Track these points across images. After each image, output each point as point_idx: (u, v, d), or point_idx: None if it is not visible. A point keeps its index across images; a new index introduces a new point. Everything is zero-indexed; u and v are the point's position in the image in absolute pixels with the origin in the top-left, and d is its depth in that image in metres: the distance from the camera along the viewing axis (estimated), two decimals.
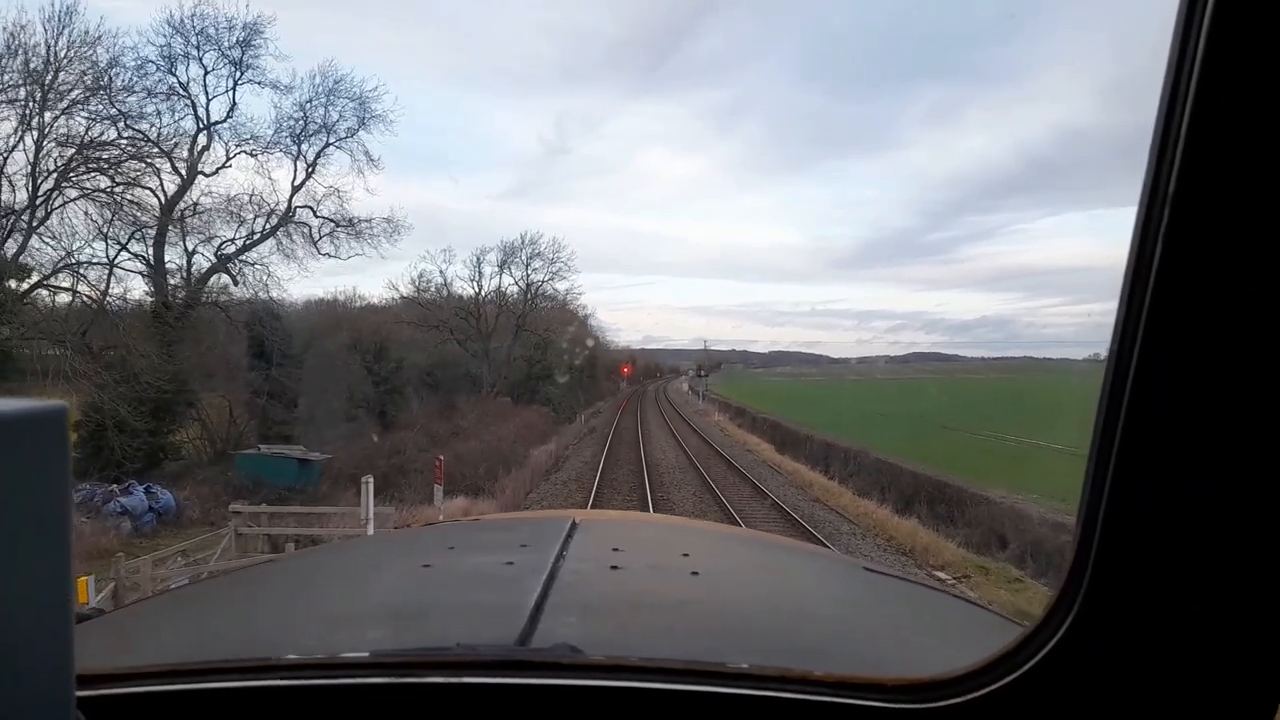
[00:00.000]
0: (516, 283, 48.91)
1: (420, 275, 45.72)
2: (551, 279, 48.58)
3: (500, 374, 47.34)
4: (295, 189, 25.84)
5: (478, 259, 47.53)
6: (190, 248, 24.64)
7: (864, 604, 1.74)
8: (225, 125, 24.27)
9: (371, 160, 26.77)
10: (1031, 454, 32.23)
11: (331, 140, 26.07)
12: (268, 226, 25.42)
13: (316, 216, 26.74)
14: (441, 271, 46.74)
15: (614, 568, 1.54)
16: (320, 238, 26.82)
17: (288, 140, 25.20)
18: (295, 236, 26.34)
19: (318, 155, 26.02)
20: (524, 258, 48.14)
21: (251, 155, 24.09)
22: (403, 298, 45.15)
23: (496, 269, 48.35)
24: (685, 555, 1.72)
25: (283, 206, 25.66)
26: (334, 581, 1.74)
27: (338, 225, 27.40)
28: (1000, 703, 0.84)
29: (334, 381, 33.83)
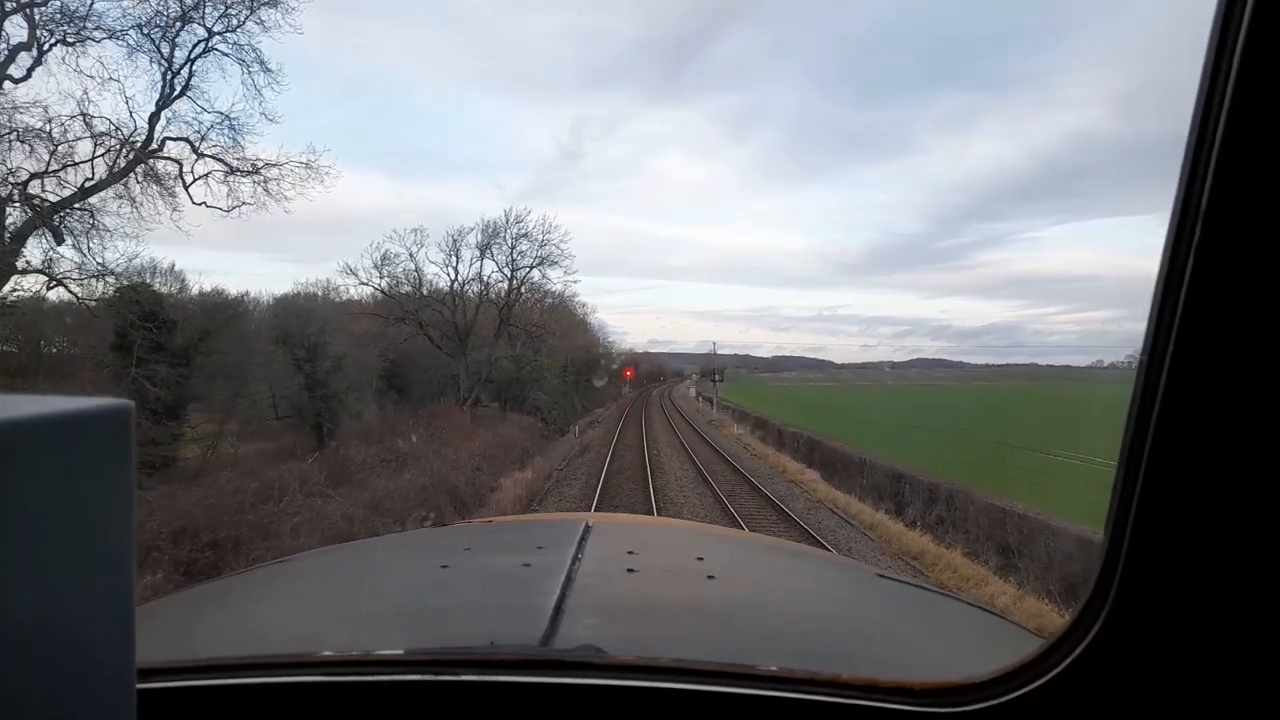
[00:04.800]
0: (501, 269, 40.65)
1: (384, 258, 37.53)
2: (541, 263, 40.20)
3: (480, 376, 39.37)
4: (160, 107, 18.04)
5: (455, 240, 39.25)
6: (4, 194, 16.82)
7: (881, 609, 1.73)
8: (50, 9, 16.43)
9: (268, 71, 18.83)
10: None
11: (211, 42, 18.16)
12: (119, 164, 17.58)
13: (195, 151, 18.85)
14: (412, 254, 38.39)
15: (630, 571, 1.53)
16: (195, 180, 18.90)
17: (139, 36, 17.36)
18: (161, 179, 18.44)
19: (191, 58, 18.07)
20: (509, 239, 39.87)
21: (68, 44, 16.20)
22: (361, 284, 37.17)
23: (478, 254, 40.05)
24: (699, 559, 1.72)
25: (142, 135, 17.82)
26: (356, 580, 1.75)
27: (232, 170, 19.50)
28: (1028, 708, 0.84)
29: (245, 385, 26.00)
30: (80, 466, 0.50)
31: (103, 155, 16.91)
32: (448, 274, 39.06)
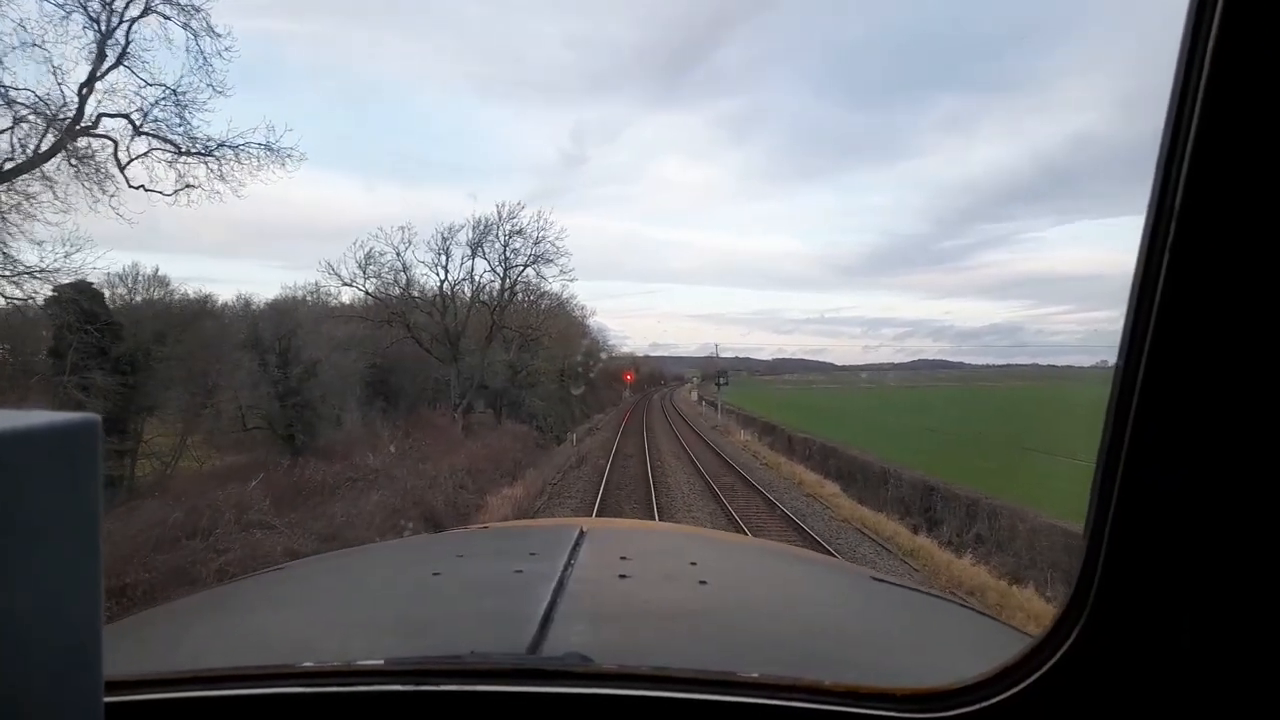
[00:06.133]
0: (493, 268, 38.11)
1: (368, 256, 35.03)
2: (536, 261, 37.68)
3: (473, 382, 36.97)
4: (92, 79, 15.72)
5: (444, 238, 36.74)
6: None
7: (872, 613, 1.72)
8: None
9: (215, 34, 16.49)
10: None
11: (152, 2, 15.81)
12: (43, 142, 15.31)
13: (136, 129, 16.52)
14: (399, 253, 35.86)
15: (622, 576, 1.52)
16: (131, 160, 16.55)
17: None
18: (93, 160, 16.12)
19: (124, 16, 15.69)
20: (502, 236, 37.40)
21: None
22: (344, 284, 34.73)
23: (469, 252, 37.49)
24: (693, 564, 1.71)
25: (71, 110, 15.51)
26: (346, 588, 1.72)
27: (181, 151, 17.17)
28: (1009, 712, 0.84)
29: (210, 394, 23.67)
30: (48, 480, 0.50)
31: (11, 128, 14.62)
32: (437, 274, 36.66)
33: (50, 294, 17.77)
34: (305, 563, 2.60)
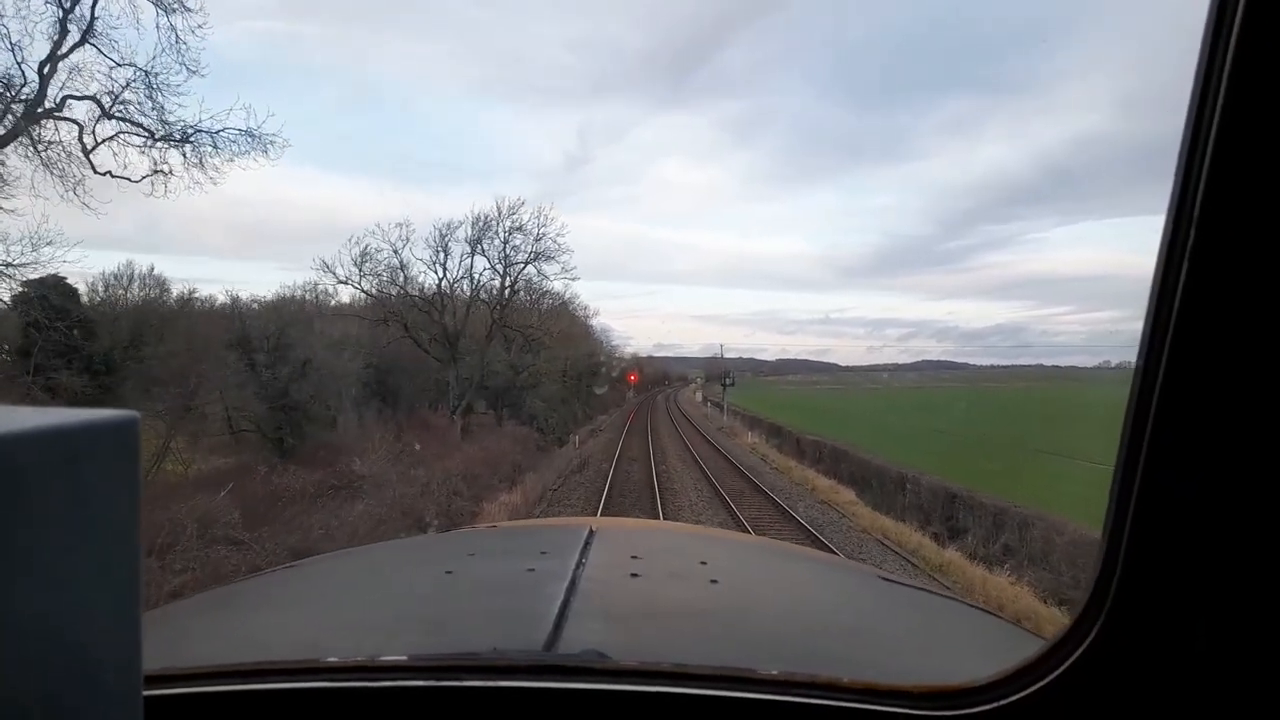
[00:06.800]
0: (493, 265, 36.88)
1: (364, 253, 33.85)
2: (536, 258, 36.44)
3: (473, 383, 35.80)
4: (54, 57, 14.61)
5: (443, 235, 35.55)
6: None
7: (882, 612, 1.72)
8: None
9: (186, 9, 15.33)
10: None
11: None
12: (0, 124, 14.19)
13: (105, 113, 15.40)
14: (396, 251, 34.63)
15: (634, 575, 1.53)
16: (99, 143, 15.41)
17: None
18: (55, 144, 15.01)
19: None
20: (501, 233, 36.19)
21: None
22: (340, 282, 33.58)
23: (468, 249, 36.27)
24: (703, 563, 1.72)
25: (32, 90, 14.40)
26: (359, 586, 1.74)
27: (154, 137, 16.06)
28: (1026, 712, 0.84)
29: (194, 396, 22.51)
30: (88, 478, 0.51)
31: None
32: (435, 272, 35.48)
33: (18, 290, 16.74)
34: (317, 560, 2.53)
